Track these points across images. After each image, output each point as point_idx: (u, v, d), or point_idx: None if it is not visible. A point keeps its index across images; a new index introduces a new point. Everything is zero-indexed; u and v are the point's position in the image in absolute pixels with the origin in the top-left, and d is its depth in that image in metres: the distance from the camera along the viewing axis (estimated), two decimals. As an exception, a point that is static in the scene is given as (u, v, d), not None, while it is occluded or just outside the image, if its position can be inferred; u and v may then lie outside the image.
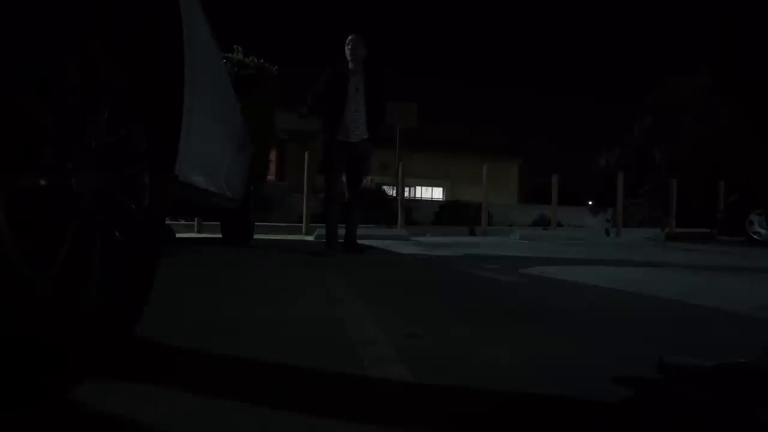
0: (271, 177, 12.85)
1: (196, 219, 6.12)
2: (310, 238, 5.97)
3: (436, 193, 20.03)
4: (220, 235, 4.48)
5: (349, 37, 3.74)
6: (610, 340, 1.25)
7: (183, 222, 6.22)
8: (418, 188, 19.78)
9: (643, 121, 16.32)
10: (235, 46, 7.51)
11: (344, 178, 3.80)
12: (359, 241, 3.99)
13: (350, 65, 3.74)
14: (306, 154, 7.19)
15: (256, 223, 5.15)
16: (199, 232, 6.24)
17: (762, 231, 6.52)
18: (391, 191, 10.89)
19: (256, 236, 4.93)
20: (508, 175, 20.05)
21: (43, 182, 0.69)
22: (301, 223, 7.03)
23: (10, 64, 0.61)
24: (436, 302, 1.76)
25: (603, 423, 0.77)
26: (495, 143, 19.86)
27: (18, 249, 0.60)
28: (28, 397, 0.69)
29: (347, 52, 3.73)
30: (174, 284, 1.95)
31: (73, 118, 0.75)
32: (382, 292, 1.97)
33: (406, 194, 8.71)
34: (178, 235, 5.37)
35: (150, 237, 1.05)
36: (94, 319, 0.82)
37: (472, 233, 8.07)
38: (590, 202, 16.30)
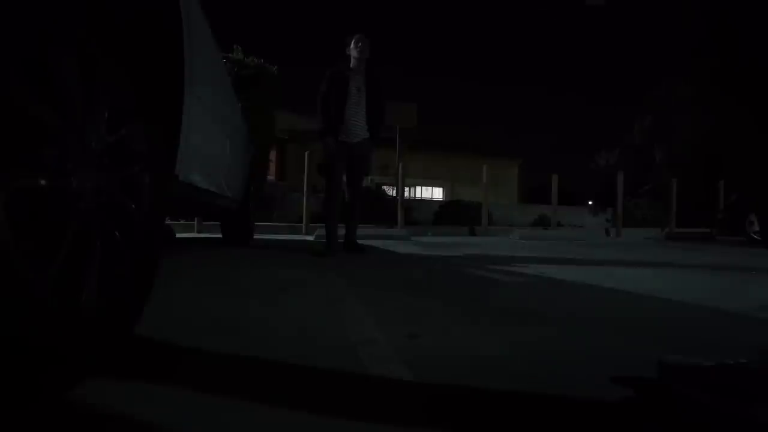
0: (271, 177, 12.85)
1: (196, 219, 6.11)
2: (310, 238, 5.97)
3: (436, 193, 20.03)
4: (220, 235, 4.48)
5: (357, 36, 3.71)
6: (610, 340, 1.25)
7: (183, 222, 6.22)
8: (418, 188, 19.78)
9: (643, 121, 16.32)
10: (235, 46, 7.52)
11: (344, 178, 3.80)
12: (359, 241, 3.99)
13: (352, 65, 3.73)
14: (306, 154, 7.18)
15: (256, 223, 5.15)
16: (199, 232, 6.24)
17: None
18: (391, 191, 10.89)
19: (256, 236, 4.93)
20: (508, 175, 20.05)
21: (43, 182, 0.69)
22: (301, 223, 7.03)
23: (10, 64, 0.61)
24: (435, 302, 1.76)
25: (603, 423, 0.77)
26: (495, 143, 19.89)
27: (18, 249, 0.60)
28: (28, 396, 0.69)
29: (354, 51, 3.70)
30: (174, 284, 1.95)
31: (73, 118, 0.75)
32: (382, 292, 1.97)
33: (406, 194, 8.71)
34: (178, 235, 5.36)
35: (150, 237, 1.06)
36: (94, 319, 0.82)
37: (472, 233, 8.07)
38: (590, 202, 16.28)
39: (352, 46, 3.72)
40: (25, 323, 0.64)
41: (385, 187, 11.59)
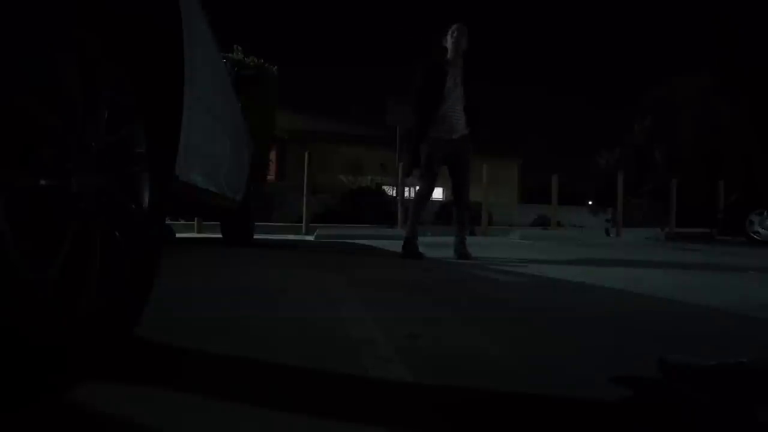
0: (271, 177, 12.86)
1: (196, 219, 6.12)
2: (310, 238, 5.97)
3: (437, 193, 20.00)
4: (220, 235, 4.48)
5: (454, 27, 3.48)
6: (610, 340, 1.25)
7: (183, 222, 6.22)
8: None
9: (643, 121, 16.34)
10: (235, 46, 7.52)
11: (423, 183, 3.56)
12: (361, 242, 3.99)
13: (449, 56, 3.50)
14: (306, 154, 7.19)
15: (256, 223, 5.15)
16: (199, 232, 6.24)
17: (762, 231, 6.53)
18: (391, 191, 10.89)
19: (256, 236, 4.93)
20: (508, 175, 20.03)
21: (43, 182, 0.69)
22: (301, 223, 7.03)
23: (10, 64, 0.61)
24: (435, 302, 1.76)
25: (603, 423, 0.77)
26: (495, 143, 19.87)
27: (18, 249, 0.60)
28: (28, 396, 0.69)
29: (449, 43, 3.48)
30: (174, 284, 1.95)
31: (73, 118, 0.75)
32: (382, 292, 1.97)
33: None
34: (178, 235, 5.37)
35: (150, 237, 1.06)
36: (94, 319, 0.82)
37: (472, 233, 8.07)
38: (590, 202, 16.31)
39: (448, 36, 3.48)
40: (25, 323, 0.64)
41: (385, 187, 11.60)
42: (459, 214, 3.62)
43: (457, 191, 3.62)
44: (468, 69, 3.53)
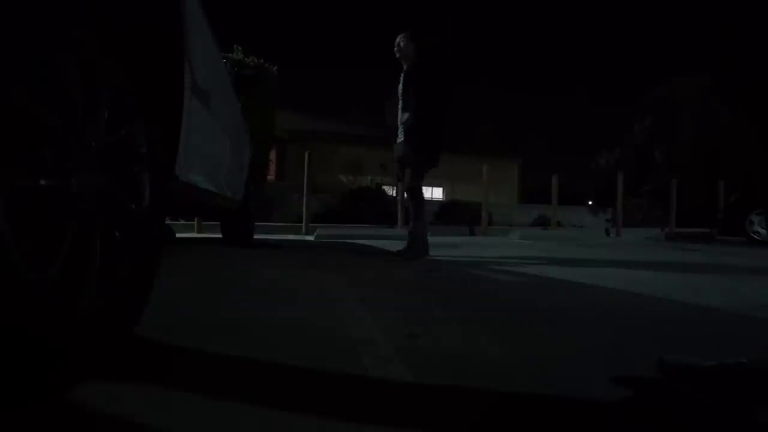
0: (271, 177, 12.87)
1: (196, 219, 6.11)
2: (310, 238, 5.97)
3: (436, 193, 20.02)
4: (220, 235, 4.48)
5: None
6: (609, 340, 1.25)
7: (183, 222, 6.22)
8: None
9: (643, 121, 16.36)
10: (235, 46, 7.51)
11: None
12: (361, 242, 3.99)
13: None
14: (306, 154, 7.19)
15: (256, 223, 5.15)
16: (199, 232, 6.23)
17: (762, 231, 6.53)
18: (391, 191, 10.90)
19: (256, 236, 4.93)
20: (508, 175, 20.04)
21: (43, 182, 0.69)
22: (301, 223, 7.03)
23: (10, 64, 0.61)
24: (435, 302, 1.76)
25: (603, 423, 0.77)
26: (495, 143, 19.87)
27: (18, 249, 0.60)
28: (28, 396, 0.69)
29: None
30: (174, 284, 1.95)
31: (73, 118, 0.75)
32: (382, 292, 1.97)
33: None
34: (178, 235, 5.36)
35: (150, 237, 1.05)
36: (94, 319, 0.82)
37: (471, 233, 8.07)
38: (590, 202, 16.31)
39: None
40: (25, 323, 0.64)
41: (385, 187, 11.61)
42: (408, 208, 3.74)
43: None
44: (405, 72, 3.63)
